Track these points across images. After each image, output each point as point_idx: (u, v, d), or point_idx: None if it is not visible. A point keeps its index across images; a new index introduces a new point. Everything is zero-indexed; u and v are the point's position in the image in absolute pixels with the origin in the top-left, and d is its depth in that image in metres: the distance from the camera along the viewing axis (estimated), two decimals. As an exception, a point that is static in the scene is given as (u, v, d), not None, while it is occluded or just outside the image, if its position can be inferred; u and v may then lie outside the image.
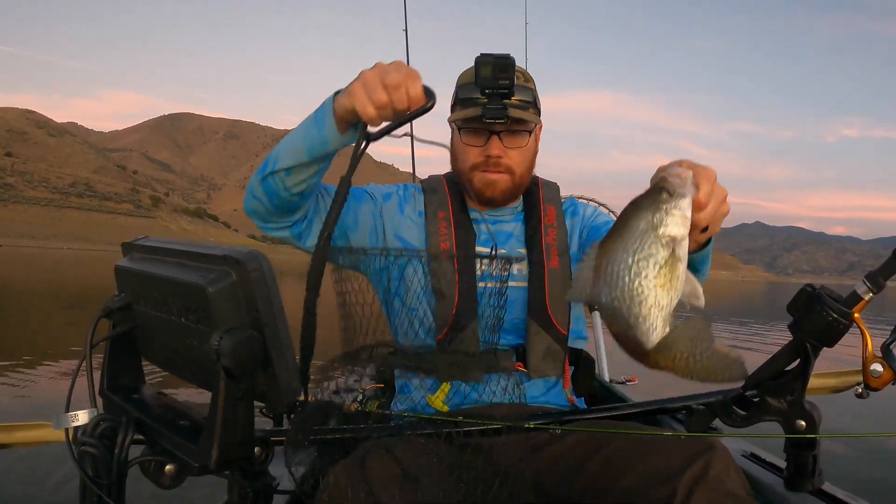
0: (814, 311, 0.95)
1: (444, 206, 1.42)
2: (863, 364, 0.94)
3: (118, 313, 0.91)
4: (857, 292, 0.94)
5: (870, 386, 0.94)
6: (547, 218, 1.47)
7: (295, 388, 0.74)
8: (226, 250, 0.73)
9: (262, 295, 0.71)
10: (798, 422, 1.01)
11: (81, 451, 0.79)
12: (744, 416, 1.05)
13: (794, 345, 1.00)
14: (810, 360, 0.98)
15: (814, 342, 0.96)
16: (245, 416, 0.73)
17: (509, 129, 1.37)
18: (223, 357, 0.68)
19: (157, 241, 0.90)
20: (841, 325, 0.93)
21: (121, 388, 0.91)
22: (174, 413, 0.86)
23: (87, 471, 0.78)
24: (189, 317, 0.76)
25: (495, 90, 1.28)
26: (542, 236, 1.44)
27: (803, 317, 0.97)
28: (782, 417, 1.02)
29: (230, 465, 0.74)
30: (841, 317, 0.93)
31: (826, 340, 0.96)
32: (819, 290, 0.97)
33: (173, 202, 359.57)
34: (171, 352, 0.85)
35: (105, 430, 0.80)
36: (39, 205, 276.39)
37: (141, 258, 0.90)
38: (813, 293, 0.97)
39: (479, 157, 1.38)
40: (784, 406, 1.02)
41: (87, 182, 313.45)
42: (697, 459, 0.97)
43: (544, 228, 1.45)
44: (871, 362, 0.93)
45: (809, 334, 0.96)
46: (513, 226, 1.46)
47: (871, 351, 0.94)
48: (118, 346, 0.92)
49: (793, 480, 1.10)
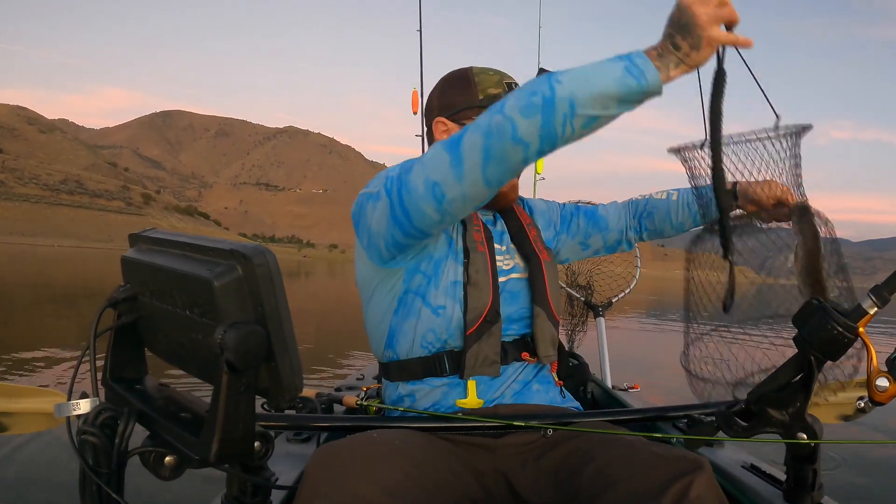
0: (819, 324, 0.95)
1: None
2: (868, 378, 0.94)
3: (123, 304, 0.91)
4: (861, 306, 0.94)
5: (874, 400, 0.94)
6: (523, 217, 1.57)
7: (297, 384, 0.74)
8: (233, 245, 0.74)
9: (267, 290, 0.71)
10: (800, 434, 1.01)
11: (82, 440, 0.79)
12: (745, 428, 1.05)
13: (797, 357, 1.00)
14: (814, 373, 0.98)
15: (818, 355, 0.96)
16: (246, 411, 0.73)
17: None
18: (226, 351, 0.68)
19: (165, 233, 0.90)
20: (846, 339, 0.93)
21: (123, 379, 0.92)
22: (176, 405, 0.86)
23: (87, 459, 0.78)
24: (194, 310, 0.76)
25: None
26: (528, 233, 1.52)
27: (808, 330, 0.97)
28: (784, 429, 1.02)
29: (230, 459, 0.74)
30: (846, 331, 0.93)
31: (830, 354, 0.96)
32: (824, 304, 0.97)
33: (164, 200, 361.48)
34: (174, 344, 0.85)
35: (106, 420, 0.81)
36: (30, 202, 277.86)
37: (148, 250, 0.91)
38: (818, 306, 0.97)
39: None
40: (786, 418, 1.02)
41: (77, 179, 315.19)
42: (682, 478, 0.99)
43: (526, 227, 1.54)
44: (876, 377, 0.93)
45: (814, 347, 0.96)
46: (500, 225, 1.53)
47: (875, 365, 0.93)
48: (122, 337, 0.93)
49: (792, 493, 1.10)
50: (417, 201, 1.14)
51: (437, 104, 1.48)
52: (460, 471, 1.22)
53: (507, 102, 1.04)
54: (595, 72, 1.00)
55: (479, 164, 1.06)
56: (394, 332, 1.37)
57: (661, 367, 7.56)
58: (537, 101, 1.01)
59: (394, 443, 1.12)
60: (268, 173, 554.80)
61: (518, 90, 1.05)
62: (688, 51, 1.00)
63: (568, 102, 1.00)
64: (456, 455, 1.25)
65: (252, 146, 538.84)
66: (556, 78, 1.02)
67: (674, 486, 0.98)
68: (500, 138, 1.03)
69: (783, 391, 1.02)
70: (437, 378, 1.33)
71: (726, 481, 1.30)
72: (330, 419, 1.38)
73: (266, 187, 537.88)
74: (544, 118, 1.01)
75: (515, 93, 1.05)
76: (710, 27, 0.99)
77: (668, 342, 10.60)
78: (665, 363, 7.98)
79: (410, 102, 3.19)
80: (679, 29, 1.00)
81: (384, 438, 1.13)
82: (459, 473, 1.21)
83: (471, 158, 1.06)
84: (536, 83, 1.03)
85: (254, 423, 0.76)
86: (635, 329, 13.27)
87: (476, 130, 1.06)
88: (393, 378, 1.39)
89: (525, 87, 1.05)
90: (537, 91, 1.02)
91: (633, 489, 1.03)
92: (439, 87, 1.50)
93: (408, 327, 1.34)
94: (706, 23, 0.99)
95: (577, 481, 1.15)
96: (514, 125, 1.02)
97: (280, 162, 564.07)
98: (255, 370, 0.73)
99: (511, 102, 1.03)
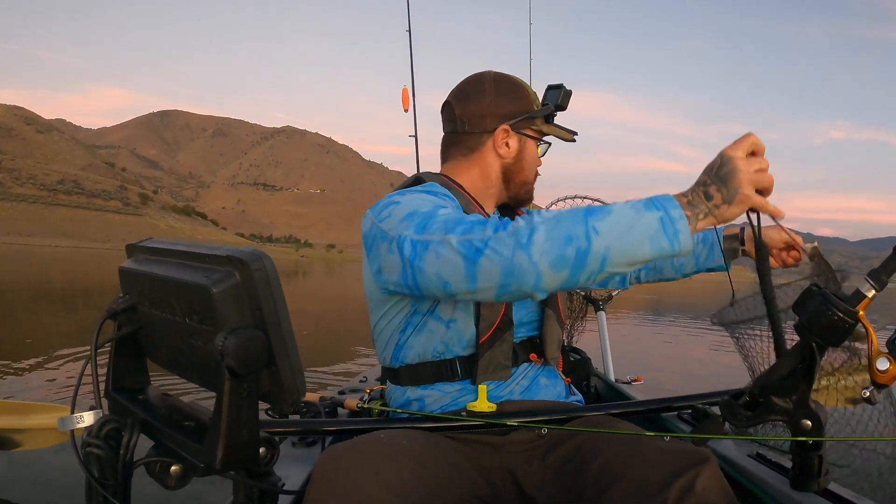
0: (819, 310, 0.95)
1: (469, 204, 1.41)
2: (868, 361, 0.94)
3: (123, 315, 0.91)
4: (860, 290, 0.94)
5: (877, 382, 0.94)
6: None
7: (299, 387, 0.74)
8: (229, 251, 0.74)
9: (265, 295, 0.71)
10: (804, 422, 1.01)
11: (87, 453, 0.79)
12: (749, 417, 1.05)
13: (800, 345, 1.00)
14: (816, 360, 0.98)
15: (819, 341, 0.96)
16: (250, 417, 0.73)
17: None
18: (227, 357, 0.68)
19: (161, 242, 0.90)
20: (847, 323, 0.93)
21: (126, 390, 0.92)
22: (179, 414, 0.86)
23: (92, 472, 0.78)
24: (193, 317, 0.76)
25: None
26: None
27: (808, 316, 0.97)
28: (787, 417, 1.02)
29: (235, 466, 0.74)
30: (847, 315, 0.93)
31: (832, 339, 0.96)
32: (824, 290, 0.97)
33: (161, 200, 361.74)
34: (175, 352, 0.85)
35: (110, 432, 0.80)
36: (27, 202, 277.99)
37: (145, 259, 0.91)
38: (818, 292, 0.97)
39: (535, 170, 1.52)
40: (790, 406, 1.02)
41: (75, 179, 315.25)
42: (687, 472, 0.99)
43: None
44: (876, 357, 0.93)
45: (815, 334, 0.96)
46: None
47: (876, 347, 0.94)
48: (123, 348, 0.92)
49: (798, 481, 1.10)
50: (428, 285, 1.10)
51: (494, 112, 1.43)
52: (467, 469, 1.22)
53: (536, 241, 0.98)
54: (633, 223, 0.96)
55: (492, 289, 1.03)
56: (402, 344, 1.36)
57: (660, 368, 7.56)
58: (570, 253, 0.97)
59: (401, 443, 1.12)
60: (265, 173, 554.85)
61: (553, 225, 0.99)
62: (719, 202, 0.99)
63: (601, 259, 0.96)
64: (462, 453, 1.25)
65: (249, 146, 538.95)
66: (593, 225, 0.97)
67: (679, 479, 0.98)
68: (519, 282, 1.00)
69: (786, 379, 1.02)
70: (448, 383, 1.32)
71: (733, 470, 1.30)
72: (336, 423, 1.38)
73: (263, 187, 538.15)
74: (572, 272, 0.98)
75: (550, 228, 0.98)
76: (748, 186, 0.98)
77: (666, 344, 10.62)
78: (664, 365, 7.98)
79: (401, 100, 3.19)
80: (716, 179, 0.99)
81: (391, 438, 1.12)
82: (466, 472, 1.21)
83: (485, 282, 1.02)
84: (572, 222, 0.98)
85: (258, 428, 0.76)
86: (632, 328, 13.26)
87: (496, 258, 1.00)
88: (401, 382, 1.38)
89: (561, 224, 0.99)
90: (573, 238, 0.97)
91: (639, 483, 1.03)
92: (490, 92, 1.44)
93: (418, 340, 1.33)
94: (746, 180, 0.98)
95: (583, 477, 1.15)
96: (539, 276, 0.98)
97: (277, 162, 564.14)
98: (257, 375, 0.72)
99: (541, 245, 0.97)
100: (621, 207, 0.99)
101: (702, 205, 0.99)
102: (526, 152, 1.47)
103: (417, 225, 1.12)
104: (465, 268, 1.02)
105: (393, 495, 0.97)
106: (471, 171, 1.47)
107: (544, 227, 0.99)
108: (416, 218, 1.14)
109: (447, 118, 1.48)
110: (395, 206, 1.22)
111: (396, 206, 1.22)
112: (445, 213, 1.13)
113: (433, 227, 1.09)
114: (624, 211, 0.98)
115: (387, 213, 1.22)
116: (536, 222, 1.00)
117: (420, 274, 1.10)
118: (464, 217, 1.10)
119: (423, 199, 1.23)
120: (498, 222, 1.05)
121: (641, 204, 0.98)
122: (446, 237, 1.05)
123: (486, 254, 1.00)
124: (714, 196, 0.99)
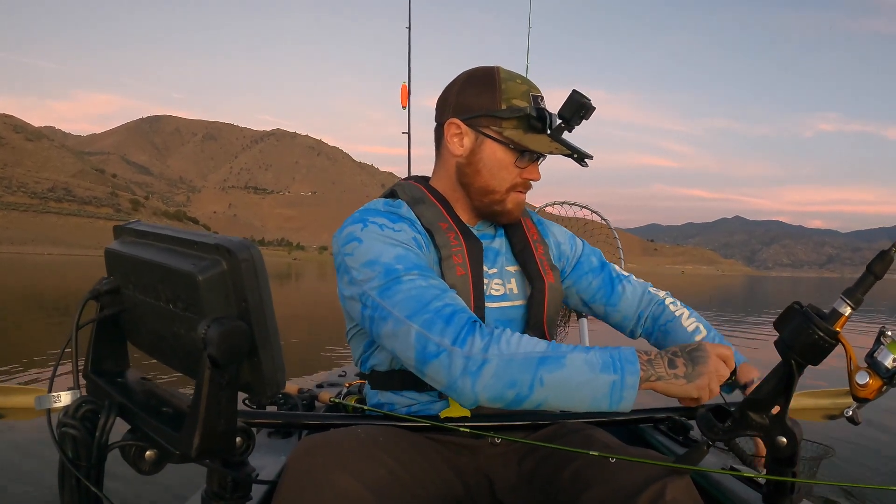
0: (799, 328, 0.96)
1: (440, 216, 1.34)
2: (848, 376, 0.95)
3: (106, 296, 0.90)
4: (837, 310, 0.95)
5: (857, 396, 0.95)
6: (531, 233, 1.45)
7: (279, 380, 0.73)
8: (218, 239, 0.73)
9: (251, 286, 0.71)
10: (779, 438, 1.02)
11: (62, 433, 0.78)
12: (724, 430, 1.05)
13: (781, 363, 1.01)
14: (794, 378, 0.99)
15: (799, 360, 0.97)
16: (228, 407, 0.73)
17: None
18: (209, 346, 0.68)
19: (149, 226, 0.89)
20: (827, 343, 0.94)
21: (105, 372, 0.91)
22: (157, 399, 0.86)
23: (66, 452, 0.77)
24: (178, 304, 0.75)
25: (567, 127, 1.31)
26: (534, 251, 1.42)
27: (789, 334, 0.98)
28: (763, 433, 1.03)
29: (211, 454, 0.73)
30: (827, 336, 0.94)
31: (811, 358, 0.96)
32: (806, 308, 0.97)
33: (153, 205, 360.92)
34: (157, 338, 0.85)
35: (87, 413, 0.80)
36: (18, 210, 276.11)
37: (132, 242, 0.90)
38: (800, 311, 0.98)
39: (518, 179, 1.35)
40: (766, 422, 1.03)
41: (65, 186, 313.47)
42: (657, 481, 1.00)
43: (533, 244, 1.43)
44: (855, 372, 0.94)
45: (794, 351, 0.97)
46: (498, 242, 1.43)
47: (855, 363, 0.95)
48: (105, 330, 0.92)
49: (772, 496, 1.11)
50: (382, 343, 1.17)
51: (454, 101, 1.34)
52: (443, 470, 1.22)
53: (484, 374, 1.03)
54: (582, 384, 1.03)
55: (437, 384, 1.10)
56: (371, 353, 1.34)
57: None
58: (510, 395, 1.04)
59: (378, 439, 1.12)
60: (256, 177, 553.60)
61: (505, 365, 1.04)
62: (681, 375, 1.08)
63: (536, 404, 1.05)
64: (439, 453, 1.25)
65: (240, 150, 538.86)
66: (541, 376, 1.03)
67: (649, 488, 0.99)
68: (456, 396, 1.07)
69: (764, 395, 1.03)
70: (417, 392, 1.29)
71: (705, 483, 1.31)
72: (314, 416, 1.38)
73: (255, 191, 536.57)
74: (506, 406, 1.06)
75: (500, 367, 1.03)
76: (713, 377, 1.09)
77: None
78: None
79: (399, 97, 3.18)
80: (687, 356, 1.10)
81: (368, 434, 1.12)
82: (442, 472, 1.21)
83: (428, 377, 1.10)
84: (522, 368, 1.03)
85: (235, 418, 0.75)
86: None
87: (443, 371, 1.06)
88: (373, 386, 1.36)
89: (511, 366, 1.04)
90: (517, 384, 1.03)
91: (609, 492, 1.04)
92: (460, 82, 1.35)
93: (385, 353, 1.30)
94: (714, 371, 1.09)
95: (555, 484, 1.16)
96: (475, 401, 1.06)
97: (268, 165, 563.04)
98: (238, 366, 0.72)
99: (487, 379, 1.03)
100: (578, 363, 1.04)
101: (661, 369, 1.08)
102: (483, 154, 1.32)
103: (381, 287, 1.14)
104: (416, 360, 1.09)
105: (367, 491, 0.97)
106: (439, 170, 1.41)
107: (496, 363, 1.03)
108: (377, 270, 1.16)
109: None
110: (357, 244, 1.21)
111: (358, 244, 1.21)
112: (410, 280, 1.14)
113: (397, 298, 1.12)
114: (578, 369, 1.04)
115: (349, 249, 1.22)
116: (492, 355, 1.04)
117: (377, 335, 1.17)
118: (429, 301, 1.11)
119: (383, 242, 1.20)
120: (464, 323, 1.08)
121: (600, 362, 1.04)
122: (407, 323, 1.09)
123: (435, 363, 1.06)
124: (679, 367, 1.08)
